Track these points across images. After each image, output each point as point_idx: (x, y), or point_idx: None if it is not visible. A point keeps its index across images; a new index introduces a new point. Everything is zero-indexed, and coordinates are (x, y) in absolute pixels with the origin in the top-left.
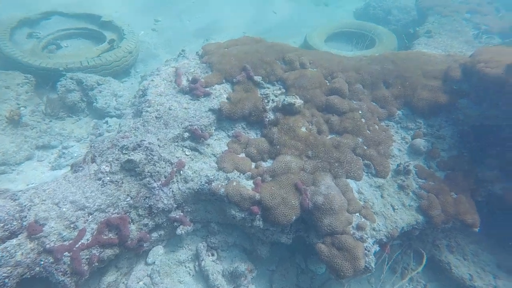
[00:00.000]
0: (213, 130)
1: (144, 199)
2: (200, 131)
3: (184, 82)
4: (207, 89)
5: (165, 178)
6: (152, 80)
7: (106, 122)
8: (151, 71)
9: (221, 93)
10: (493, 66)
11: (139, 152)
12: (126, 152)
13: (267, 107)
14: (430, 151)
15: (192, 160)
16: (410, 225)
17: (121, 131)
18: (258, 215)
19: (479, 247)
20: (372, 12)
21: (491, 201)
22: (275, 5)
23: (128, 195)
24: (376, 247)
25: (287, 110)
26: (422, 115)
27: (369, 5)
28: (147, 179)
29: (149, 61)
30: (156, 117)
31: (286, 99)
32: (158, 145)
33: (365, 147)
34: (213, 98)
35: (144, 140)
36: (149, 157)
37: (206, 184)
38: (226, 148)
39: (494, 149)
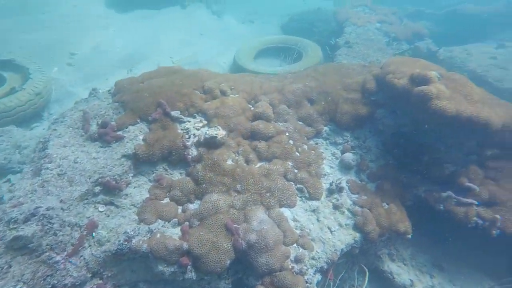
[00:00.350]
0: (131, 177)
1: (44, 279)
2: (113, 182)
3: (94, 128)
4: (120, 132)
5: (73, 246)
6: (55, 130)
7: (8, 181)
8: (60, 115)
9: (136, 134)
10: (399, 77)
11: (32, 223)
12: (14, 226)
13: (188, 143)
14: (360, 163)
15: (108, 216)
16: (349, 245)
17: (13, 197)
18: (189, 266)
19: (416, 249)
20: (297, 25)
21: (418, 204)
22: (202, 26)
23: (19, 280)
24: (318, 277)
25: (210, 143)
26: (348, 128)
27: (292, 19)
28: (47, 253)
29: (65, 101)
30: (58, 174)
31: (207, 132)
32: (62, 209)
33: (296, 171)
34: (127, 142)
35: (40, 207)
36: (47, 227)
37: (125, 243)
38: (148, 195)
39: (413, 154)
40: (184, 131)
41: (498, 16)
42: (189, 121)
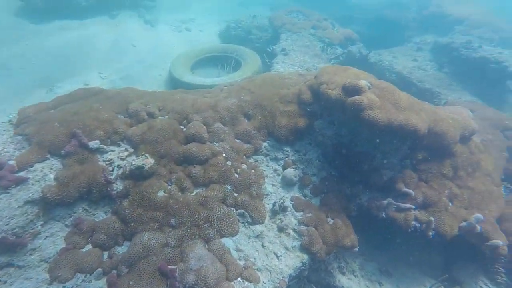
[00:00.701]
0: (40, 227)
1: None
2: (12, 238)
3: None
4: (22, 173)
5: None
6: None
7: None
8: None
9: (45, 174)
10: (332, 88)
11: None
12: None
13: (112, 176)
14: (302, 178)
15: (5, 284)
16: (297, 268)
17: None
18: None
19: (364, 259)
20: (234, 33)
21: (362, 213)
22: (135, 36)
23: None
24: None
25: (137, 175)
26: (287, 142)
27: (229, 27)
28: None
29: None
30: None
31: (133, 163)
32: None
33: (236, 194)
34: (32, 184)
35: None
36: None
37: None
38: (64, 245)
39: (353, 164)
40: (107, 163)
41: (413, 21)
42: (112, 151)
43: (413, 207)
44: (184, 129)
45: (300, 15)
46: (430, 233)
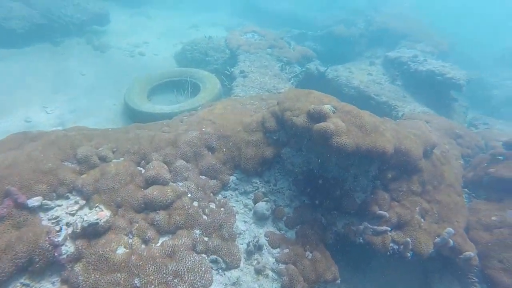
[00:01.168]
0: None
1: None
2: None
3: None
4: None
5: None
6: None
7: None
8: None
9: None
10: (297, 114)
11: None
12: None
13: (59, 238)
14: (275, 211)
15: None
16: None
17: None
18: None
19: (346, 286)
20: (190, 55)
21: (339, 240)
22: (83, 64)
23: None
24: None
25: (91, 232)
26: (256, 173)
27: (185, 50)
28: None
29: None
30: None
31: (85, 218)
32: None
33: (206, 238)
34: None
35: None
36: None
37: None
38: None
39: (325, 190)
40: (53, 221)
41: (361, 37)
42: (59, 206)
43: (389, 229)
44: (143, 171)
45: (256, 35)
46: (408, 254)
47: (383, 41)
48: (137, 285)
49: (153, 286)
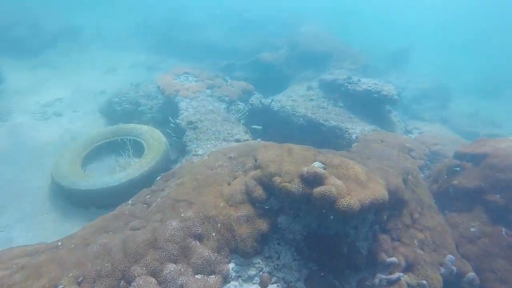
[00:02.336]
0: None
1: None
2: None
3: None
4: None
5: None
6: None
7: None
8: None
9: None
10: (289, 180)
11: None
12: None
13: None
14: None
15: None
16: None
17: None
18: None
19: None
20: (120, 108)
21: None
22: None
23: None
24: None
25: None
26: (256, 252)
27: (113, 102)
28: None
29: None
30: None
31: None
32: None
33: None
34: None
35: None
36: None
37: None
38: None
39: (331, 250)
40: None
41: (288, 60)
42: None
43: (402, 274)
44: None
45: (190, 76)
46: None
47: (311, 63)
48: None
49: None
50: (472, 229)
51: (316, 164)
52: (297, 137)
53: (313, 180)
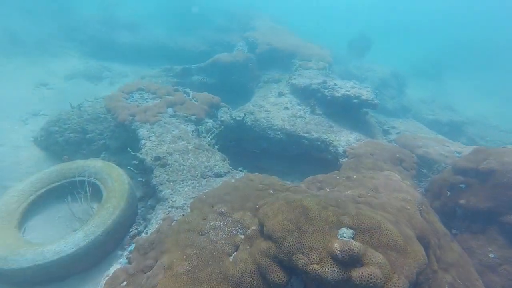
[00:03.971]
0: None
1: None
2: None
3: None
4: None
5: None
6: None
7: None
8: None
9: None
10: (317, 260)
11: None
12: None
13: None
14: None
15: None
16: None
17: None
18: None
19: None
20: (62, 138)
21: None
22: None
23: None
24: None
25: None
26: None
27: (51, 132)
28: None
29: None
30: None
31: None
32: None
33: None
34: None
35: None
36: None
37: None
38: None
39: None
40: None
41: (250, 60)
42: None
43: None
44: None
45: (145, 93)
46: None
47: (274, 62)
48: None
49: None
50: (490, 255)
51: (345, 233)
52: (276, 153)
53: (348, 260)
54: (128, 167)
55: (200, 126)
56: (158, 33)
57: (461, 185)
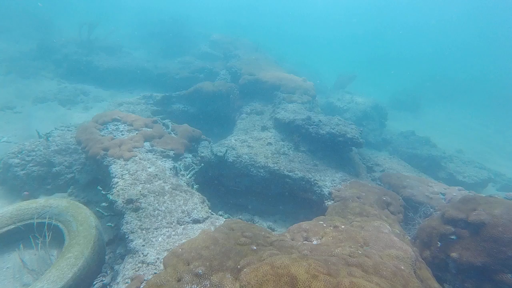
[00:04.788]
0: None
1: None
2: None
3: None
4: None
5: None
6: None
7: None
8: None
9: None
10: None
11: None
12: None
13: None
14: None
15: None
16: None
17: None
18: None
19: None
20: (24, 172)
21: None
22: None
23: None
24: None
25: None
26: None
27: (11, 165)
28: None
29: None
30: None
31: None
32: None
33: None
34: None
35: None
36: None
37: None
38: None
39: None
40: None
41: (232, 89)
42: None
43: None
44: None
45: (121, 124)
46: None
47: (257, 93)
48: None
49: None
50: None
51: None
52: (258, 191)
53: None
54: (97, 208)
55: (179, 163)
56: (139, 56)
57: (451, 237)
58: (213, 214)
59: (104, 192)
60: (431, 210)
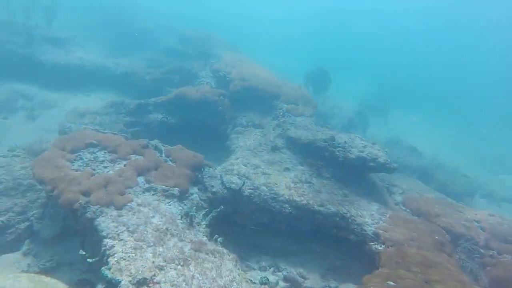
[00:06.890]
0: None
1: None
2: None
3: None
4: None
5: None
6: None
7: None
8: None
9: None
10: None
11: None
12: None
13: None
14: None
15: None
16: None
17: None
18: None
19: None
20: None
21: None
22: None
23: None
24: None
25: None
26: None
27: None
28: None
29: None
30: None
31: None
32: None
33: None
34: None
35: None
36: None
37: None
38: None
39: None
40: None
41: (222, 95)
42: None
43: None
44: None
45: (100, 151)
46: None
47: (251, 101)
48: None
49: None
50: None
51: None
52: (282, 229)
53: None
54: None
55: (188, 204)
56: (93, 51)
57: None
58: (255, 284)
59: (90, 261)
60: (473, 246)
